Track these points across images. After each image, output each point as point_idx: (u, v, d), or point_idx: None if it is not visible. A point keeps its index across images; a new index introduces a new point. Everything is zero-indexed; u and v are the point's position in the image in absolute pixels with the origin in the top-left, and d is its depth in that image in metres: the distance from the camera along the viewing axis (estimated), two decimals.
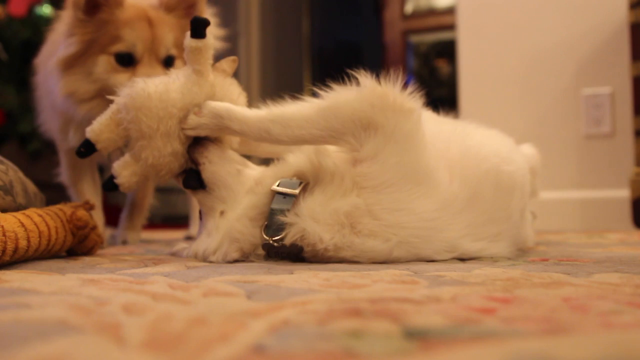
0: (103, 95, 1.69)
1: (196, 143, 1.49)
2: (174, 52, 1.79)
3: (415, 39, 6.24)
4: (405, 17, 6.12)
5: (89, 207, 1.67)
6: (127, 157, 1.51)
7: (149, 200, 2.37)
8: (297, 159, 1.43)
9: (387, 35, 6.19)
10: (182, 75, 1.49)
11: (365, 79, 1.36)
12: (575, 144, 3.35)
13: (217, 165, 1.47)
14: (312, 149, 1.41)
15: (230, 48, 2.74)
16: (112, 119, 1.49)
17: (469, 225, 1.39)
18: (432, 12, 6.06)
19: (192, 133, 1.47)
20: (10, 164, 1.72)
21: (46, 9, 3.55)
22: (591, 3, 3.34)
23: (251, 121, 1.41)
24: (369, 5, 7.52)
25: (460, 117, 3.51)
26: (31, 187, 1.79)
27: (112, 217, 2.54)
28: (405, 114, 1.34)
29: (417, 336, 0.61)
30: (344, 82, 1.38)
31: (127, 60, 1.75)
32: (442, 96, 6.29)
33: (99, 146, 1.50)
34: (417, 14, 6.11)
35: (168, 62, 1.78)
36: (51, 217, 1.48)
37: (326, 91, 1.38)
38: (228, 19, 2.73)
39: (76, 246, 1.61)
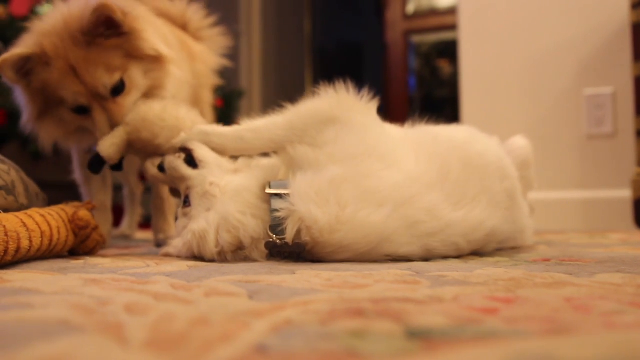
0: (81, 130, 1.83)
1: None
2: (117, 76, 1.72)
3: (416, 39, 6.24)
4: (407, 17, 6.13)
5: (91, 207, 1.67)
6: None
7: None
8: (274, 159, 1.59)
9: (389, 36, 6.19)
10: None
11: (324, 90, 1.55)
12: (577, 144, 3.35)
13: (205, 149, 1.61)
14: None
15: (232, 48, 2.76)
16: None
17: (445, 195, 1.46)
18: (433, 12, 6.06)
19: (180, 145, 1.65)
20: (12, 164, 1.72)
21: (48, 9, 3.55)
22: (593, 3, 3.33)
23: (229, 133, 1.62)
24: (370, 6, 7.53)
25: (462, 117, 3.52)
26: (33, 187, 1.80)
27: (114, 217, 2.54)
28: (359, 110, 1.53)
29: (419, 336, 0.61)
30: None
31: (83, 110, 1.74)
32: (444, 96, 6.30)
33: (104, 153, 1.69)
34: (419, 14, 6.12)
35: (118, 90, 1.73)
36: (53, 217, 1.48)
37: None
38: (230, 19, 2.73)
39: (78, 246, 1.61)
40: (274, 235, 1.39)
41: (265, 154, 1.63)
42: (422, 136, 1.60)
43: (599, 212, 3.26)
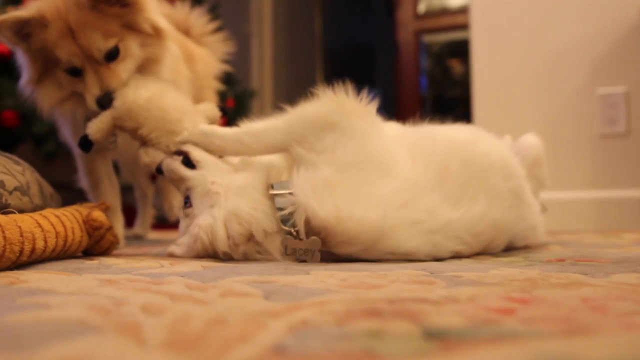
0: (77, 95, 1.85)
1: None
2: (112, 43, 1.77)
3: (428, 38, 6.23)
4: (418, 17, 6.12)
5: (104, 207, 1.68)
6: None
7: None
8: (274, 157, 1.60)
9: (400, 35, 6.18)
10: None
11: (324, 92, 1.54)
12: (590, 143, 3.33)
13: (200, 151, 1.62)
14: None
15: (243, 48, 2.78)
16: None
17: (444, 196, 1.46)
18: (445, 11, 6.05)
19: (180, 144, 1.67)
20: (26, 164, 1.73)
21: None
22: (605, 2, 3.32)
23: (228, 135, 1.61)
24: (381, 5, 7.52)
25: (474, 117, 3.52)
26: (47, 187, 1.80)
27: (126, 217, 2.55)
28: (358, 114, 1.51)
29: (437, 337, 0.60)
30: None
31: (77, 72, 1.79)
32: (455, 96, 6.29)
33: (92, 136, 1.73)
34: (430, 14, 6.11)
35: (112, 56, 1.78)
36: (67, 218, 1.49)
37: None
38: (241, 20, 2.75)
39: (92, 247, 1.62)
40: (288, 228, 1.42)
41: None
42: (420, 136, 1.60)
43: (612, 212, 3.25)
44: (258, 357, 0.54)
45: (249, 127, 1.60)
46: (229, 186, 1.51)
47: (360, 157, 1.44)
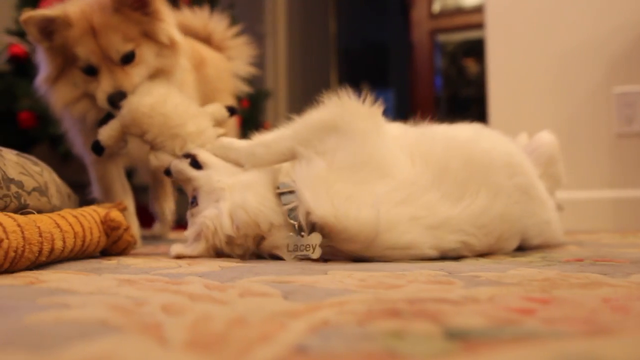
0: (89, 96, 1.92)
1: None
2: (130, 47, 1.86)
3: (442, 38, 6.21)
4: (433, 16, 6.10)
5: (122, 208, 1.69)
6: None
7: None
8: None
9: (415, 35, 6.17)
10: None
11: (329, 98, 1.56)
12: (607, 143, 3.31)
13: (207, 154, 1.70)
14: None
15: (257, 49, 2.78)
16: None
17: (444, 193, 1.48)
18: (459, 10, 6.03)
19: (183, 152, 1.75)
20: (44, 165, 1.74)
21: None
22: (622, 0, 3.29)
23: (242, 148, 1.66)
24: (396, 5, 7.51)
25: (489, 117, 3.50)
26: (65, 188, 1.82)
27: (140, 217, 2.56)
28: (361, 117, 1.52)
29: (458, 337, 0.60)
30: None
31: (92, 71, 1.86)
32: (470, 95, 6.26)
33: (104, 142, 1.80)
34: (445, 13, 6.09)
35: (127, 59, 1.86)
36: (85, 218, 1.50)
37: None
38: (255, 20, 2.77)
39: (110, 247, 1.62)
40: (293, 221, 1.45)
41: None
42: (421, 136, 1.62)
43: (629, 211, 3.22)
44: (280, 357, 0.54)
45: (260, 139, 1.64)
46: (234, 183, 1.56)
47: (359, 159, 1.46)
